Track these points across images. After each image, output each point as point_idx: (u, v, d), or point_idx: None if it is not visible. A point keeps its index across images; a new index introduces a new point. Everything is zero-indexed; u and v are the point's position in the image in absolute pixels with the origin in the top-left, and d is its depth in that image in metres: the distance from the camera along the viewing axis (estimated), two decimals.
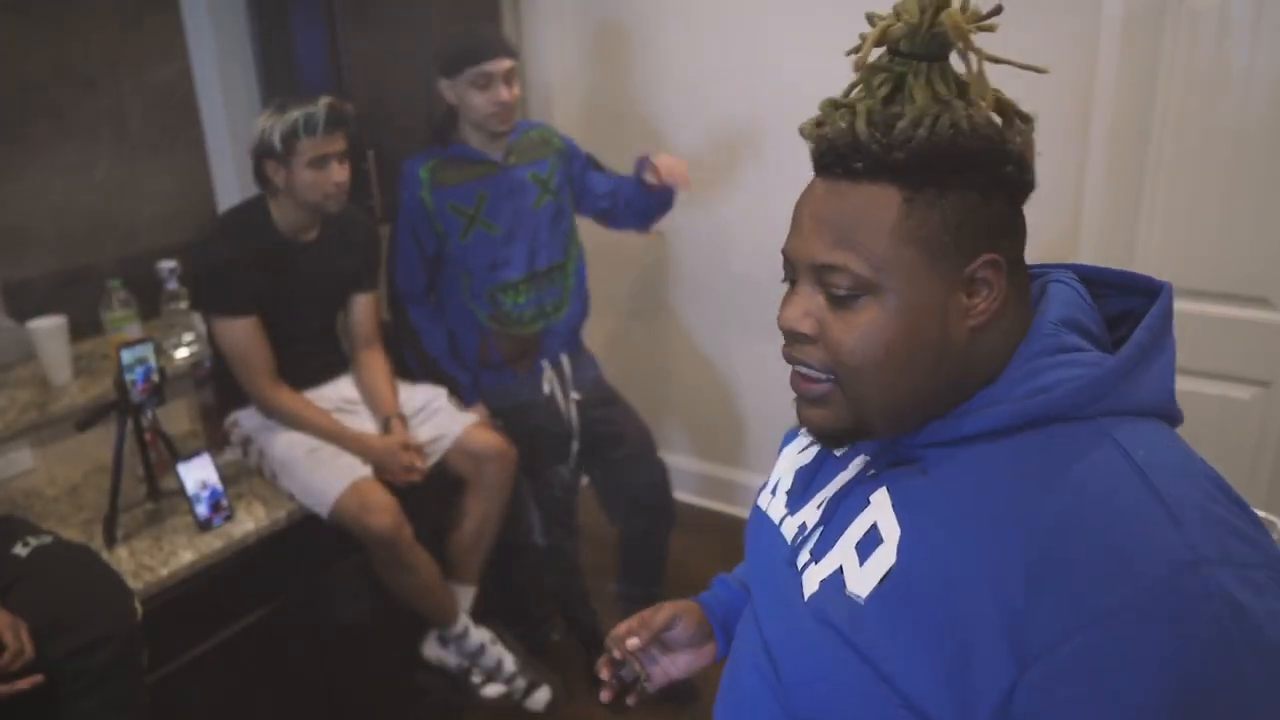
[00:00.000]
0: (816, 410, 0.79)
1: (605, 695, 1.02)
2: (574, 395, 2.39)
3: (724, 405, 3.14)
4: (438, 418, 2.21)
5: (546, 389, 2.36)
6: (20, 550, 1.61)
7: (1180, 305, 2.45)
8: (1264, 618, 0.61)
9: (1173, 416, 0.76)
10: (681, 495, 3.23)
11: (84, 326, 2.28)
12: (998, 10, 0.75)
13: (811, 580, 0.79)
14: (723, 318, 3.03)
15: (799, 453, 0.93)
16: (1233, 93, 2.02)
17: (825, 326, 0.76)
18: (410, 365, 2.34)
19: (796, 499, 0.88)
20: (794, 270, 0.79)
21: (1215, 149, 2.07)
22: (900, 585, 0.71)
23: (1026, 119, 0.77)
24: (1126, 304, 0.83)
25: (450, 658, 2.19)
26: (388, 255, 2.31)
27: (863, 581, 0.74)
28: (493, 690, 2.20)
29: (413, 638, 2.19)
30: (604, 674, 1.02)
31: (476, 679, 2.20)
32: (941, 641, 0.67)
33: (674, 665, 1.04)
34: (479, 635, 2.17)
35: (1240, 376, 2.15)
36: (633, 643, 0.98)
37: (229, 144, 2.47)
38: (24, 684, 1.44)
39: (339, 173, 1.98)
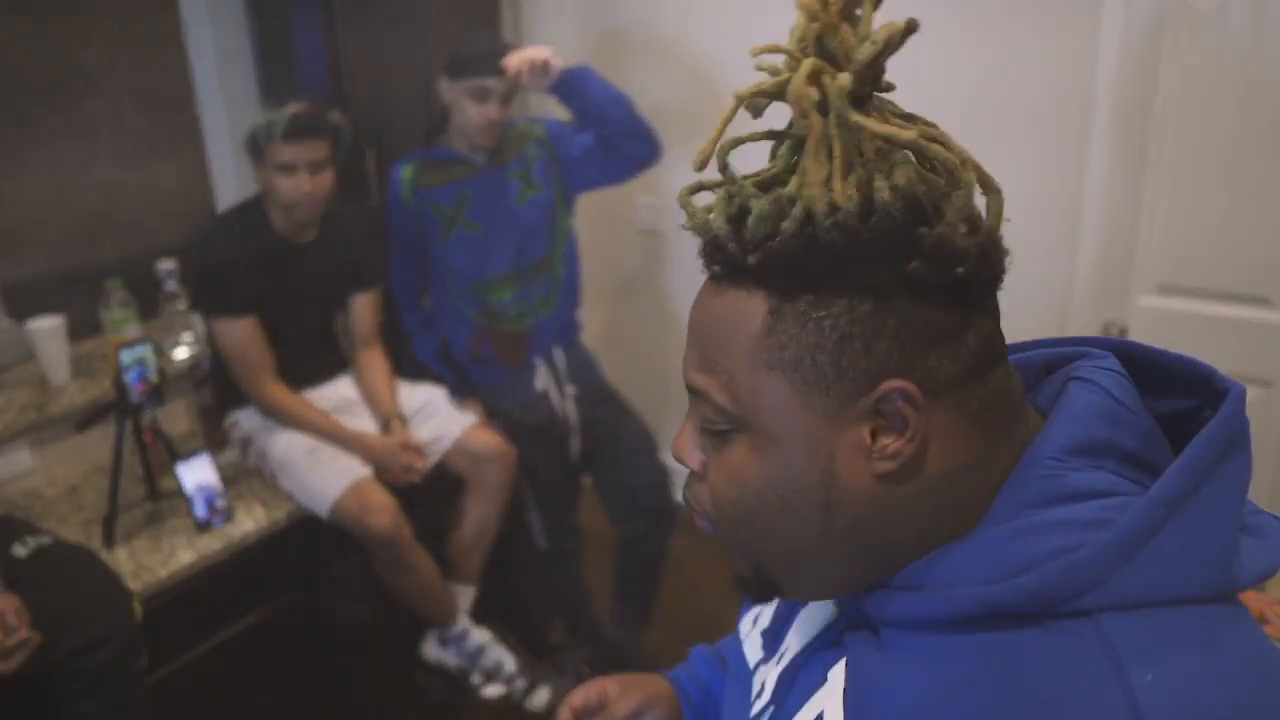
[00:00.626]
0: (727, 553, 0.63)
1: None
2: (570, 390, 2.39)
3: None
4: (437, 418, 2.21)
5: (540, 385, 2.36)
6: (20, 551, 1.61)
7: (1181, 305, 2.44)
8: None
9: (1234, 596, 0.53)
10: (680, 495, 3.23)
11: (83, 327, 2.28)
12: (884, 51, 0.53)
13: None
14: None
15: None
16: (1233, 92, 2.02)
17: (709, 463, 0.61)
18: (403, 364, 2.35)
19: (770, 642, 0.72)
20: None
21: (1216, 148, 2.07)
22: None
23: (991, 185, 0.55)
24: (1186, 402, 0.61)
25: (450, 658, 2.19)
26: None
27: None
28: (492, 691, 2.19)
29: (412, 638, 2.19)
30: None
31: (476, 679, 2.19)
32: None
33: None
34: (479, 636, 2.17)
35: (1241, 376, 2.11)
36: None
37: (228, 144, 2.47)
38: (9, 664, 1.43)
39: (307, 182, 1.95)
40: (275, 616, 1.98)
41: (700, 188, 0.62)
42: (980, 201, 0.55)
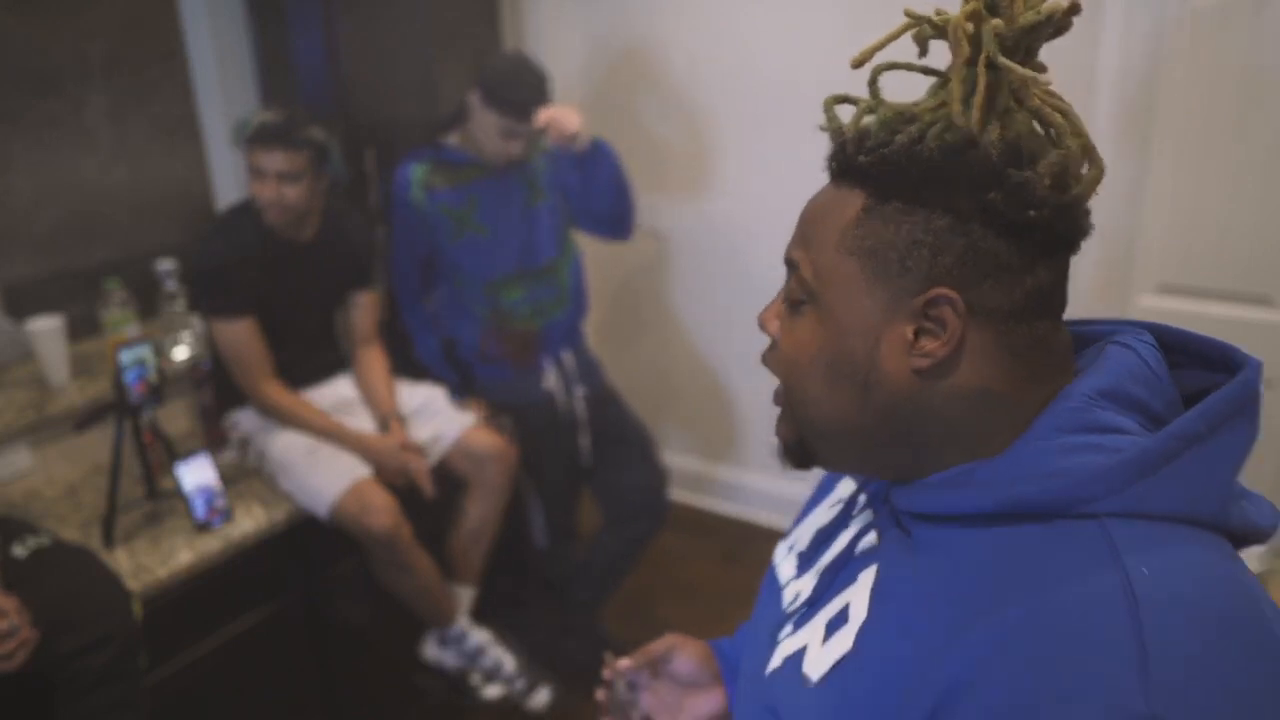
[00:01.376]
0: (779, 424, 0.73)
1: None
2: (580, 391, 2.39)
3: (723, 405, 3.13)
4: (437, 418, 2.20)
5: (546, 386, 2.36)
6: (19, 551, 1.61)
7: (1182, 304, 2.44)
8: None
9: (1241, 532, 0.60)
10: (680, 495, 3.23)
11: (82, 326, 2.27)
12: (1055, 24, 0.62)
13: (779, 655, 0.72)
14: (722, 317, 3.03)
15: (826, 507, 0.84)
16: (1234, 90, 2.02)
17: (781, 330, 0.70)
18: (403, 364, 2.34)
19: (805, 561, 0.80)
20: None
21: (1217, 147, 2.07)
22: (847, 677, 0.63)
23: (1095, 161, 0.62)
24: (1210, 380, 0.66)
25: (450, 659, 2.18)
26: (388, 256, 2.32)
27: (818, 664, 0.66)
28: (492, 691, 2.19)
29: (412, 639, 2.18)
30: (599, 696, 0.97)
31: (476, 680, 2.19)
32: None
33: (679, 710, 0.94)
34: (478, 636, 2.17)
35: None
36: (624, 663, 0.94)
37: (227, 142, 2.46)
38: (11, 664, 1.43)
39: (272, 189, 1.94)
40: (275, 617, 1.98)
41: (844, 99, 0.69)
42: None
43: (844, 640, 0.64)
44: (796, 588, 0.77)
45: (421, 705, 2.29)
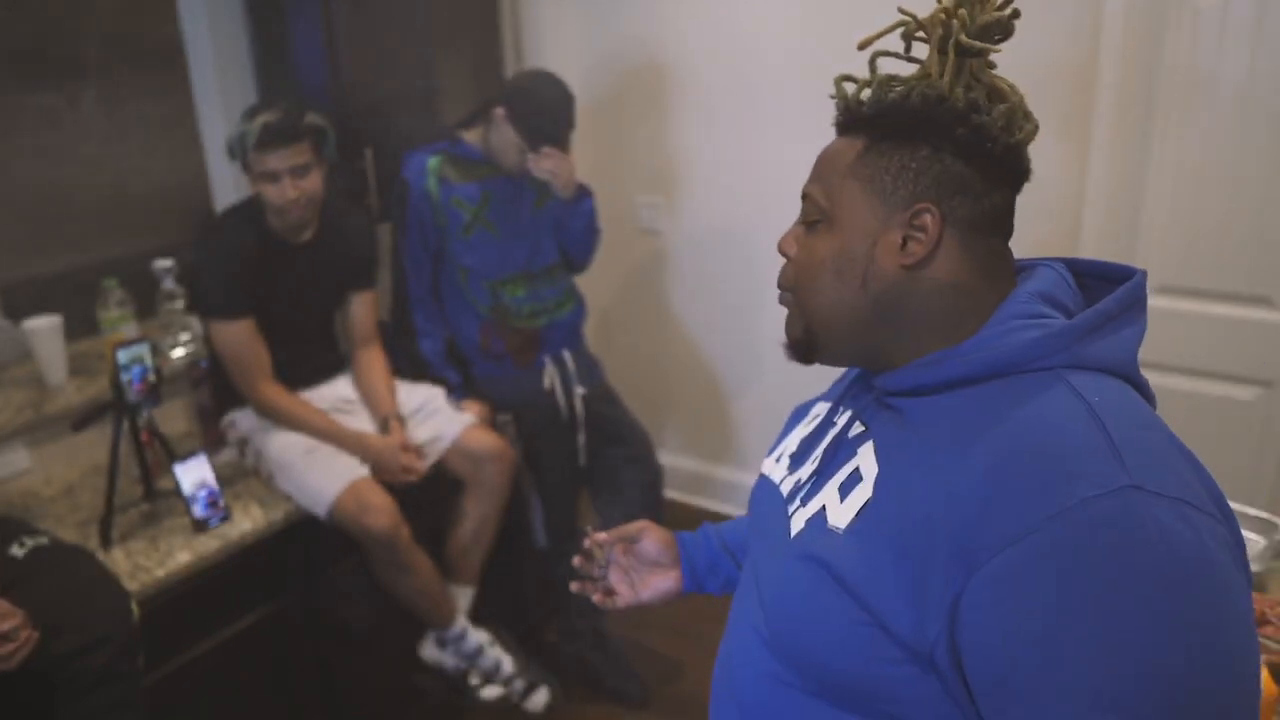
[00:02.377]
0: (787, 323, 0.91)
1: (575, 587, 1.17)
2: (579, 390, 2.39)
3: (721, 405, 3.13)
4: (436, 418, 2.20)
5: (546, 384, 2.36)
6: (17, 551, 1.61)
7: (1182, 304, 2.43)
8: (1191, 548, 0.65)
9: (1139, 385, 0.80)
10: (678, 495, 3.23)
11: (80, 326, 2.27)
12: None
13: (798, 521, 0.86)
14: (720, 316, 3.02)
15: (804, 424, 1.01)
16: (1233, 91, 2.02)
17: (797, 247, 0.89)
18: (402, 364, 2.33)
19: (797, 460, 0.96)
20: None
21: (1216, 148, 2.06)
22: (874, 515, 0.78)
23: (1030, 118, 0.84)
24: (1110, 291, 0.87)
25: (448, 659, 2.18)
26: (396, 253, 2.30)
27: (842, 515, 0.80)
28: (491, 692, 2.19)
29: (411, 639, 2.18)
30: (576, 562, 1.16)
31: (475, 681, 2.19)
32: (905, 560, 0.72)
33: (642, 585, 1.16)
34: (477, 637, 2.16)
35: (1242, 377, 2.14)
36: (600, 536, 1.15)
37: (225, 142, 2.45)
38: (10, 664, 1.43)
39: (291, 188, 1.94)
40: (273, 617, 1.97)
41: (848, 78, 0.89)
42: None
43: (862, 492, 0.80)
44: (794, 479, 0.93)
45: (420, 706, 2.28)
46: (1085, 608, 0.64)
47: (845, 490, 0.82)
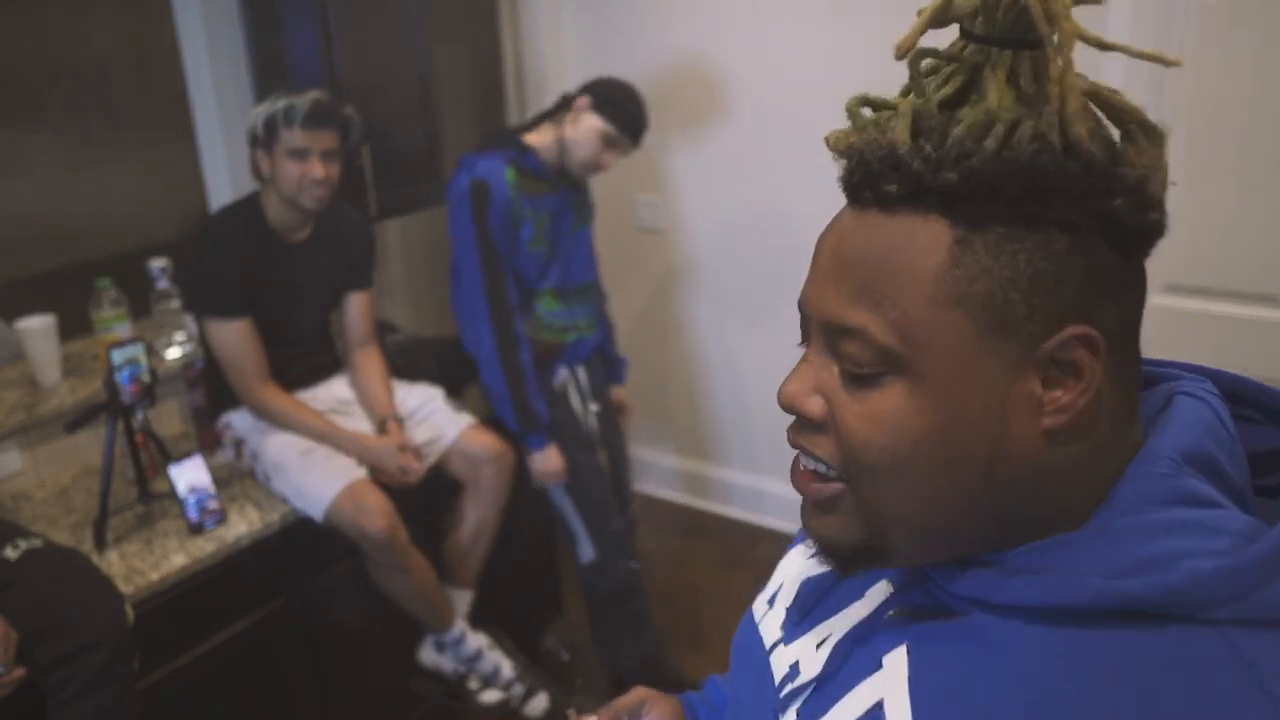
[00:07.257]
0: (823, 519, 0.58)
1: None
2: (593, 407, 2.39)
3: (722, 406, 3.12)
4: (434, 419, 2.18)
5: (559, 385, 2.33)
6: (10, 553, 1.59)
7: (1186, 303, 2.42)
8: None
9: None
10: (681, 497, 3.22)
11: (73, 326, 2.25)
12: None
13: None
14: (723, 318, 3.01)
15: (808, 558, 0.68)
16: (1241, 88, 2.01)
17: (837, 408, 0.55)
18: (484, 392, 2.26)
19: (795, 623, 0.67)
20: (807, 328, 0.58)
21: (1223, 145, 2.06)
22: None
23: (1155, 134, 0.52)
24: (1276, 436, 0.58)
25: (447, 663, 2.16)
26: (460, 265, 2.17)
27: None
28: (490, 696, 2.17)
29: (408, 643, 2.16)
30: None
31: (473, 685, 2.17)
32: None
33: None
34: (476, 640, 2.15)
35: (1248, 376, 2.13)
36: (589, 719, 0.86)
37: (221, 141, 2.44)
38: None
39: (319, 168, 1.94)
40: (269, 620, 1.95)
41: (867, 101, 0.55)
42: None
43: None
44: (789, 656, 0.65)
45: (418, 710, 2.27)
46: None
47: None
